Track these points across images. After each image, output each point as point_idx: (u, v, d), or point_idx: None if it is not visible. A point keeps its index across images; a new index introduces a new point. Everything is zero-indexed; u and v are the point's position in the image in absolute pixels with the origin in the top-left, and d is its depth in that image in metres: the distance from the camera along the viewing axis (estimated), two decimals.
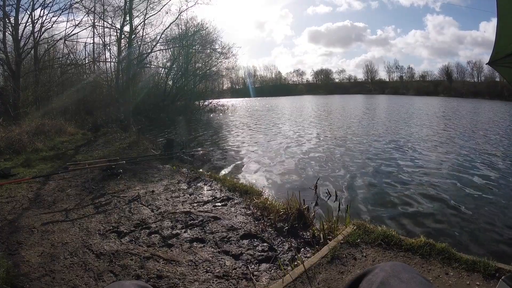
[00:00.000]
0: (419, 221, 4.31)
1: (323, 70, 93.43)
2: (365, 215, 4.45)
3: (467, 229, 4.07)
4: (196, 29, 23.34)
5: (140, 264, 2.88)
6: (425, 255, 2.79)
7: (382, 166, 7.22)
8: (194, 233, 3.52)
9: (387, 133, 12.52)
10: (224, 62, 26.56)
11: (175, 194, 4.88)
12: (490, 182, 6.05)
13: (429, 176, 6.37)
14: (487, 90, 57.73)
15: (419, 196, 5.24)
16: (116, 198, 4.72)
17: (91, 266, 2.85)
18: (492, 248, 3.52)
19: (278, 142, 10.75)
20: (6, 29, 13.27)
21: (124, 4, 16.54)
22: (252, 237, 3.40)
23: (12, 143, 8.10)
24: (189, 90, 25.89)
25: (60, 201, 4.62)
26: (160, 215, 4.05)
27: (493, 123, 16.92)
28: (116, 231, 3.61)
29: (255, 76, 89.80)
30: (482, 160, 7.80)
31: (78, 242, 3.32)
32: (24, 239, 3.40)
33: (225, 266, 2.85)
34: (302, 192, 4.66)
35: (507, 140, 10.96)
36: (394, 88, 77.63)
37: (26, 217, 4.03)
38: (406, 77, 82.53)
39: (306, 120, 19.01)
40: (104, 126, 13.25)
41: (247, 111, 29.08)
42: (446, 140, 10.79)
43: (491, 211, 4.63)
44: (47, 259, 2.97)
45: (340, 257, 2.83)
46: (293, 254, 3.02)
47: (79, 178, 5.83)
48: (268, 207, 4.03)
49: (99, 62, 19.88)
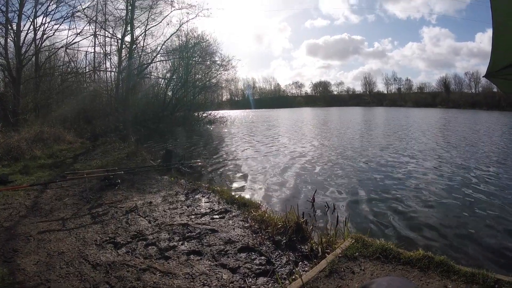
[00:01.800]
0: (418, 233, 4.31)
1: (322, 82, 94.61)
2: (363, 228, 4.43)
3: (466, 240, 4.08)
4: (196, 41, 23.59)
5: (136, 276, 2.86)
6: (423, 268, 2.80)
7: (381, 179, 7.22)
8: (191, 245, 3.50)
9: (386, 145, 12.55)
10: (223, 74, 26.72)
11: (172, 206, 4.86)
12: (488, 193, 6.07)
13: (427, 188, 6.38)
14: (485, 101, 58.58)
15: (417, 208, 5.24)
16: (113, 209, 4.70)
17: (87, 277, 2.82)
18: (491, 259, 3.53)
19: (276, 155, 10.76)
20: (8, 35, 13.38)
21: (126, 15, 16.78)
22: (249, 250, 3.38)
23: (10, 150, 8.10)
24: (189, 101, 25.97)
25: (57, 209, 4.60)
26: (157, 227, 4.03)
27: (492, 133, 17.13)
28: (113, 242, 3.59)
29: (254, 88, 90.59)
30: (481, 172, 7.84)
31: (74, 252, 3.30)
32: (20, 247, 3.38)
33: (222, 279, 2.83)
34: (300, 205, 4.67)
35: (505, 150, 11.09)
36: (392, 100, 78.59)
37: (23, 224, 4.01)
38: (404, 89, 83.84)
39: (305, 132, 19.06)
40: (103, 136, 13.25)
41: (246, 123, 29.15)
42: (445, 152, 10.85)
43: (490, 222, 4.64)
44: (43, 268, 2.95)
45: (338, 271, 2.82)
46: (291, 267, 3.01)
47: (77, 187, 5.81)
48: (266, 220, 4.02)
49: (100, 71, 20.01)
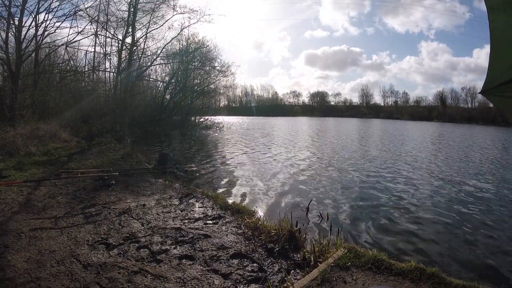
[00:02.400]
0: (410, 245, 4.34)
1: (319, 92, 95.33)
2: (356, 238, 4.47)
3: (458, 253, 4.12)
4: (197, 46, 23.75)
5: (127, 278, 2.85)
6: (415, 279, 2.82)
7: (375, 191, 7.26)
8: (183, 249, 3.50)
9: (380, 156, 12.65)
10: (222, 80, 26.88)
11: (166, 209, 4.85)
12: (480, 207, 6.14)
13: (421, 201, 6.42)
14: (481, 116, 59.42)
15: (410, 221, 5.28)
16: (106, 210, 4.67)
17: (77, 277, 2.81)
18: (482, 273, 3.58)
19: (272, 162, 10.78)
20: (9, 30, 13.34)
21: (128, 16, 16.83)
22: (242, 256, 3.38)
23: (5, 145, 8.04)
24: (186, 106, 26.02)
25: (50, 207, 4.57)
26: (150, 230, 4.02)
27: (487, 148, 17.39)
28: (105, 242, 3.57)
29: (251, 95, 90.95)
30: (475, 184, 7.97)
31: (65, 251, 3.28)
32: (11, 243, 3.36)
33: (214, 285, 2.83)
34: (294, 213, 4.70)
35: (498, 164, 11.26)
36: (388, 113, 79.45)
37: (15, 221, 3.98)
38: (401, 102, 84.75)
39: (301, 141, 19.11)
40: (99, 136, 13.21)
41: (242, 130, 29.18)
42: (440, 164, 10.99)
43: (482, 235, 4.70)
44: (33, 266, 2.93)
45: (330, 280, 2.83)
46: (283, 275, 3.01)
47: (71, 186, 5.77)
48: (259, 227, 4.03)
49: (99, 71, 20.01)
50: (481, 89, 2.27)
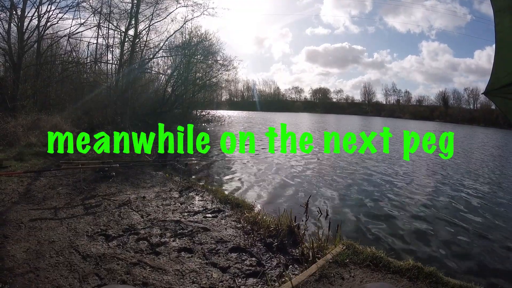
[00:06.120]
0: (409, 243, 4.36)
1: (321, 89, 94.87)
2: (355, 235, 4.46)
3: (457, 253, 4.12)
4: (199, 39, 23.57)
5: (126, 269, 2.86)
6: (412, 278, 2.82)
7: (375, 186, 7.27)
8: (182, 242, 3.51)
9: (380, 153, 12.63)
10: (224, 74, 26.72)
11: (166, 202, 4.86)
12: (480, 208, 6.13)
13: (421, 200, 6.42)
14: (483, 117, 59.30)
15: (408, 219, 5.28)
16: (106, 201, 4.68)
17: (76, 267, 2.82)
18: (480, 273, 3.58)
19: (272, 158, 10.78)
20: (12, 20, 13.28)
21: (131, 8, 16.67)
22: (241, 250, 3.39)
23: (6, 135, 8.04)
24: (188, 99, 25.92)
25: (50, 198, 4.58)
26: (149, 222, 4.03)
27: (487, 148, 17.36)
28: (104, 234, 3.58)
29: (255, 90, 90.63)
30: (474, 184, 7.96)
31: (65, 241, 3.29)
32: (10, 233, 3.37)
33: (212, 278, 2.83)
34: (293, 208, 4.70)
35: (498, 164, 11.21)
36: (390, 111, 79.30)
37: (15, 211, 3.99)
38: (402, 101, 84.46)
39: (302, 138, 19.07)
40: (100, 127, 13.18)
41: (243, 125, 29.13)
42: (440, 162, 10.97)
43: (481, 237, 4.70)
44: (32, 256, 2.94)
45: (328, 276, 2.84)
46: (281, 270, 3.02)
47: (71, 177, 5.78)
48: (258, 222, 4.03)
49: (101, 63, 19.90)
50: (485, 90, 2.25)
